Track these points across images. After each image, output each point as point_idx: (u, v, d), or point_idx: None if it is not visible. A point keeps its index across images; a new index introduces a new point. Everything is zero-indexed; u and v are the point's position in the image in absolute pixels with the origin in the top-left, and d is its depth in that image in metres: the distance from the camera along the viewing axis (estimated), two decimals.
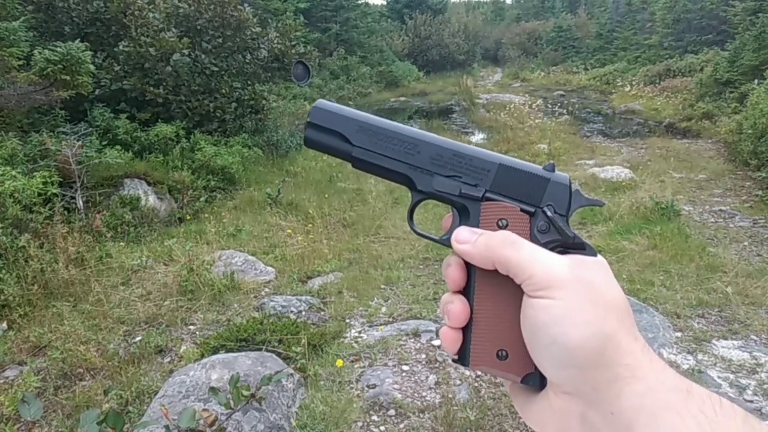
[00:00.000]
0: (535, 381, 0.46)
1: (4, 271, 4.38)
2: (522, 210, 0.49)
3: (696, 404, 0.38)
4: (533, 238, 0.48)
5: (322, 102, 0.55)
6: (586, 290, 0.42)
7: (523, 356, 0.46)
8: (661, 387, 0.39)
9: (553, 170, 0.50)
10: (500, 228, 0.49)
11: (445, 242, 0.52)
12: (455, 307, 0.48)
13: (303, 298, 4.82)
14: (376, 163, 0.53)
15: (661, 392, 0.39)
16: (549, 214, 0.48)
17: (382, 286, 5.10)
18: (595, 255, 0.46)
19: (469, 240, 0.48)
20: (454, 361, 0.50)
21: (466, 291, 0.49)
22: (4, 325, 4.11)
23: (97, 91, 7.79)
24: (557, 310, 0.41)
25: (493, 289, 0.48)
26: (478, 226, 0.50)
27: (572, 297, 0.42)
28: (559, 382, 0.43)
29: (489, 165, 0.51)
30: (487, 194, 0.50)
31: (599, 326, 0.41)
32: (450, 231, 0.52)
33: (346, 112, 0.54)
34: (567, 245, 0.47)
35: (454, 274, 0.49)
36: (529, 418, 0.47)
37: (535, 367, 0.46)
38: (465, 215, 0.51)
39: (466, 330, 0.49)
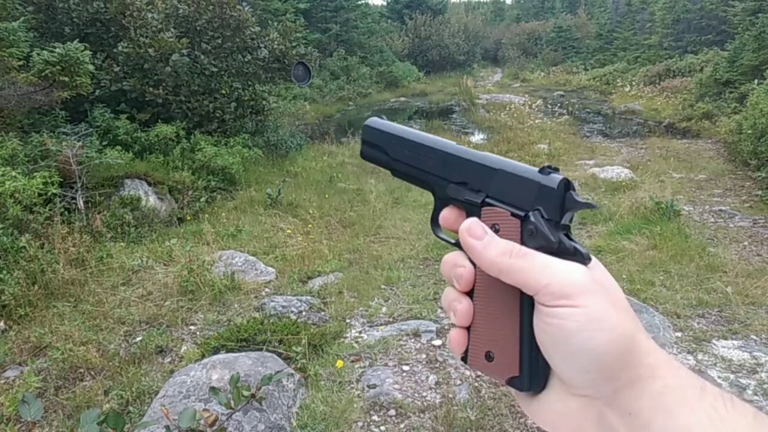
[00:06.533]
0: (521, 384, 0.46)
1: (4, 272, 4.38)
2: (513, 215, 0.48)
3: (709, 401, 0.39)
4: (523, 243, 0.46)
5: (372, 120, 0.61)
6: (604, 294, 0.42)
7: (509, 359, 0.46)
8: (677, 383, 0.40)
9: (552, 172, 0.48)
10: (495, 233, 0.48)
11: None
12: (463, 307, 0.49)
13: (303, 298, 4.82)
14: (410, 174, 0.59)
15: (677, 389, 0.40)
16: (532, 219, 0.47)
17: (383, 286, 5.10)
18: (584, 262, 0.44)
19: (481, 237, 0.47)
20: (462, 359, 0.50)
21: (472, 292, 0.50)
22: (3, 324, 4.11)
23: (97, 92, 7.78)
24: (582, 317, 0.41)
25: (487, 290, 0.48)
26: None
27: (595, 302, 0.41)
28: (580, 386, 0.42)
29: (491, 171, 0.51)
30: (487, 200, 0.51)
31: (623, 329, 0.41)
32: None
33: (388, 128, 0.60)
34: (552, 251, 0.45)
35: (468, 275, 0.49)
36: (540, 418, 0.46)
37: (520, 371, 0.45)
38: None
39: (469, 329, 0.49)
